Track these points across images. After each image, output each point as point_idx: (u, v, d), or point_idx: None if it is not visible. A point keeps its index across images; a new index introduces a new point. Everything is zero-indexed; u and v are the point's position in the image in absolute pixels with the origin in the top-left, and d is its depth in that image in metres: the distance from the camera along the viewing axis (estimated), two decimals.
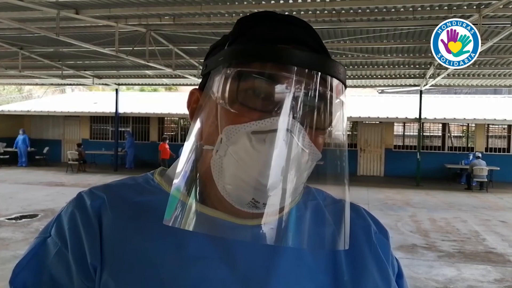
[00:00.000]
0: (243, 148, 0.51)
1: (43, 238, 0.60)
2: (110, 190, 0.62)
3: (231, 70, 0.53)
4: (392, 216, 8.40)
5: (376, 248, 0.65)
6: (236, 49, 0.54)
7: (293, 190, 0.52)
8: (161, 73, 13.24)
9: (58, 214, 0.62)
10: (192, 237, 0.56)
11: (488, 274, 5.06)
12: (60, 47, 9.99)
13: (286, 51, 0.51)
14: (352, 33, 8.26)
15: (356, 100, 18.46)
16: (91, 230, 0.57)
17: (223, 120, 0.54)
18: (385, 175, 15.75)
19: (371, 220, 0.69)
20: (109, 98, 17.90)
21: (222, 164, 0.53)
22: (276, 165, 0.50)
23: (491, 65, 10.65)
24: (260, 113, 0.52)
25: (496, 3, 6.16)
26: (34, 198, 9.29)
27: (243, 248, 0.57)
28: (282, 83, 0.51)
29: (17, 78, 15.65)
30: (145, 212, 0.59)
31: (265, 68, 0.51)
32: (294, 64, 0.51)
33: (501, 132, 16.10)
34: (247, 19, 0.59)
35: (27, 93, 30.72)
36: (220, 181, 0.54)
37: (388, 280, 0.63)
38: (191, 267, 0.55)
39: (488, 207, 9.84)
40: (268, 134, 0.50)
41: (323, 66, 0.52)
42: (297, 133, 0.51)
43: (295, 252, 0.58)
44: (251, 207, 0.53)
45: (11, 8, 7.13)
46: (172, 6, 7.06)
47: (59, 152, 18.18)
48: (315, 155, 0.54)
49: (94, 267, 0.55)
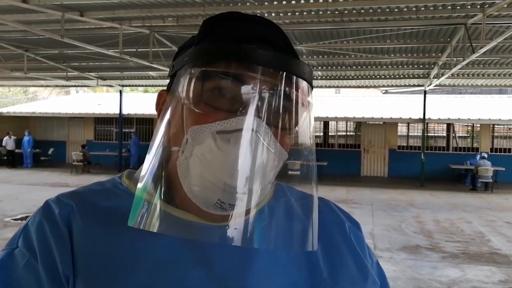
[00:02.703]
0: (208, 148, 0.51)
1: (10, 250, 0.57)
2: (78, 197, 0.61)
3: (195, 70, 0.52)
4: (396, 216, 8.37)
5: (351, 241, 0.66)
6: (200, 49, 0.54)
7: (260, 190, 0.52)
8: (164, 74, 13.27)
9: (25, 224, 0.59)
10: (166, 240, 0.55)
11: (492, 275, 5.03)
12: (65, 49, 10.06)
13: (250, 50, 0.51)
14: (355, 34, 8.25)
15: (360, 100, 18.44)
16: (61, 239, 0.55)
17: (188, 120, 0.53)
18: (389, 175, 15.69)
19: (342, 214, 0.70)
20: (113, 100, 17.99)
21: (188, 165, 0.52)
22: (241, 165, 0.49)
23: (496, 64, 10.60)
24: (225, 113, 0.51)
25: (500, 3, 6.12)
26: (39, 199, 9.33)
27: (218, 249, 0.56)
28: (247, 82, 0.51)
29: (23, 80, 15.76)
30: (116, 217, 0.57)
31: (229, 67, 0.51)
32: (258, 64, 0.50)
33: (507, 132, 16.00)
34: (212, 20, 0.59)
35: (32, 94, 30.93)
36: (186, 182, 0.53)
37: (365, 272, 0.63)
38: (166, 271, 0.54)
39: (493, 208, 9.78)
40: (233, 134, 0.50)
41: (287, 65, 0.52)
42: (262, 133, 0.50)
43: (270, 250, 0.58)
44: (217, 209, 0.52)
45: (17, 10, 7.19)
46: (175, 8, 7.09)
47: (64, 153, 18.29)
48: (281, 155, 0.54)
49: (66, 277, 0.54)
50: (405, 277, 4.86)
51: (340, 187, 11.96)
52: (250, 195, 0.51)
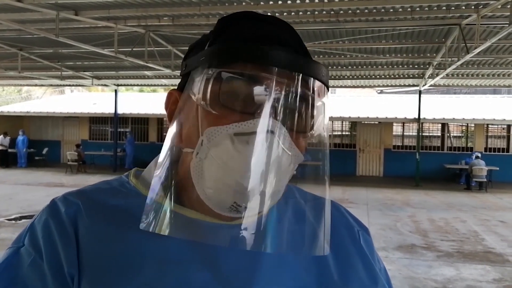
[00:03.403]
0: (225, 150, 0.50)
1: (16, 248, 0.57)
2: (85, 195, 0.60)
3: (213, 71, 0.52)
4: (391, 216, 8.41)
5: (361, 246, 0.65)
6: (218, 49, 0.53)
7: (275, 193, 0.51)
8: (160, 74, 13.24)
9: (31, 222, 0.59)
10: (172, 240, 0.54)
11: (487, 274, 5.07)
12: (60, 48, 10.01)
13: (270, 51, 0.50)
14: (351, 34, 8.27)
15: (355, 100, 18.49)
16: (67, 237, 0.55)
17: (204, 121, 0.52)
18: (384, 175, 15.76)
19: (351, 218, 0.70)
20: (108, 99, 17.91)
21: (203, 167, 0.51)
22: (258, 166, 0.49)
23: (490, 65, 10.67)
24: (242, 115, 0.50)
25: (494, 3, 6.17)
26: (34, 198, 9.29)
27: (224, 250, 0.56)
28: (265, 84, 0.50)
29: (17, 79, 15.66)
30: (122, 216, 0.57)
31: (247, 69, 0.50)
32: (276, 65, 0.50)
33: (501, 132, 16.12)
34: (228, 19, 0.58)
35: (26, 94, 30.71)
36: (200, 185, 0.52)
37: (375, 276, 0.63)
38: (171, 271, 0.53)
39: (487, 207, 9.85)
40: (250, 136, 0.49)
41: (307, 68, 0.52)
42: (281, 136, 0.50)
43: (278, 253, 0.57)
44: (232, 211, 0.51)
45: (11, 9, 7.14)
46: (171, 7, 7.07)
47: (59, 153, 18.18)
48: (297, 158, 0.53)
49: (71, 276, 0.54)
50: (400, 276, 4.88)
51: (336, 186, 11.99)
52: (266, 198, 0.50)
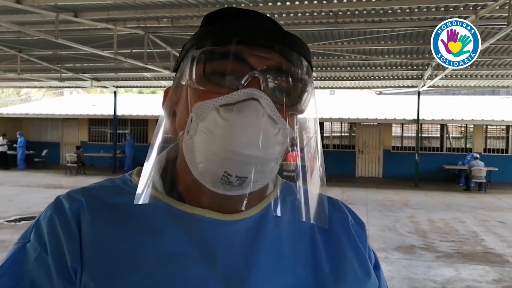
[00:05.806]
0: (212, 121, 0.52)
1: (22, 244, 0.59)
2: (88, 192, 0.62)
3: (196, 52, 0.55)
4: (391, 217, 8.41)
5: (355, 239, 0.66)
6: (199, 33, 0.58)
7: (265, 161, 0.53)
8: (159, 75, 13.25)
9: (37, 219, 0.61)
10: (171, 235, 0.56)
11: (486, 274, 5.07)
12: (59, 50, 10.01)
13: (248, 28, 0.55)
14: (349, 35, 8.29)
15: (354, 101, 18.51)
16: (70, 233, 0.57)
17: (192, 99, 0.55)
18: (383, 176, 15.76)
19: (348, 212, 0.70)
20: (108, 101, 17.90)
21: (193, 143, 0.54)
22: (244, 131, 0.51)
23: (489, 66, 10.69)
24: (228, 89, 0.53)
25: (492, 4, 6.19)
26: (33, 200, 9.28)
27: (222, 244, 0.57)
28: (247, 59, 0.54)
29: (16, 81, 15.64)
30: (123, 213, 0.59)
31: (229, 45, 0.54)
32: (256, 39, 0.54)
33: (499, 132, 16.13)
34: (212, 14, 0.62)
35: (26, 96, 30.70)
36: (193, 163, 0.54)
37: (368, 270, 0.64)
38: (170, 265, 0.55)
39: (486, 207, 9.85)
40: (235, 105, 0.52)
41: (285, 40, 0.55)
42: (264, 101, 0.52)
43: (274, 246, 0.59)
44: (225, 184, 0.53)
45: (10, 11, 7.15)
46: (170, 9, 7.08)
47: (58, 155, 18.16)
48: (285, 130, 0.55)
49: (74, 270, 0.55)
50: (400, 276, 4.88)
51: (335, 187, 11.99)
52: (255, 163, 0.52)
